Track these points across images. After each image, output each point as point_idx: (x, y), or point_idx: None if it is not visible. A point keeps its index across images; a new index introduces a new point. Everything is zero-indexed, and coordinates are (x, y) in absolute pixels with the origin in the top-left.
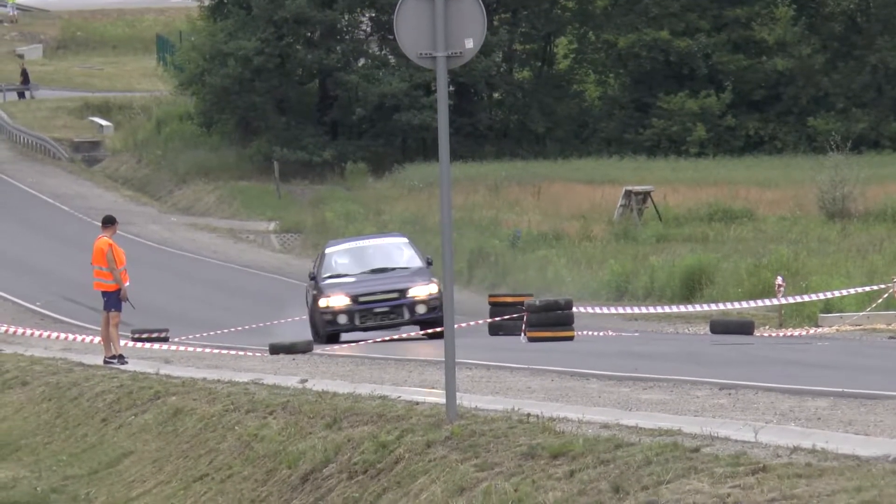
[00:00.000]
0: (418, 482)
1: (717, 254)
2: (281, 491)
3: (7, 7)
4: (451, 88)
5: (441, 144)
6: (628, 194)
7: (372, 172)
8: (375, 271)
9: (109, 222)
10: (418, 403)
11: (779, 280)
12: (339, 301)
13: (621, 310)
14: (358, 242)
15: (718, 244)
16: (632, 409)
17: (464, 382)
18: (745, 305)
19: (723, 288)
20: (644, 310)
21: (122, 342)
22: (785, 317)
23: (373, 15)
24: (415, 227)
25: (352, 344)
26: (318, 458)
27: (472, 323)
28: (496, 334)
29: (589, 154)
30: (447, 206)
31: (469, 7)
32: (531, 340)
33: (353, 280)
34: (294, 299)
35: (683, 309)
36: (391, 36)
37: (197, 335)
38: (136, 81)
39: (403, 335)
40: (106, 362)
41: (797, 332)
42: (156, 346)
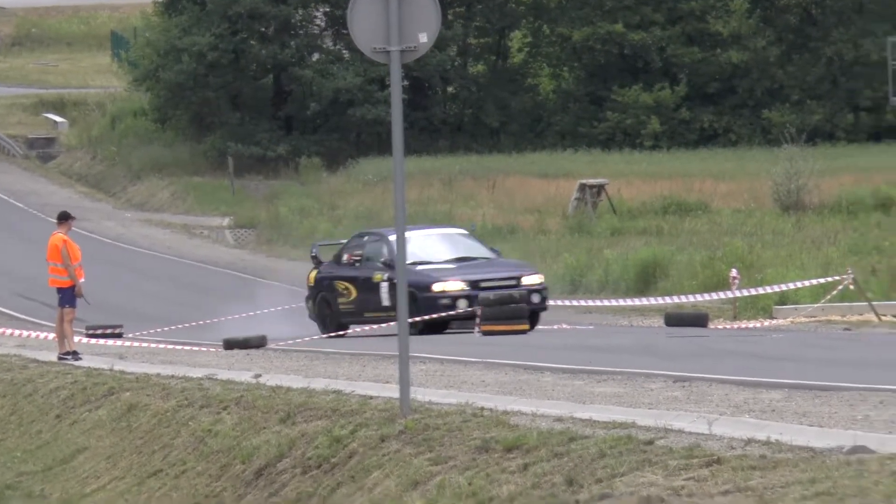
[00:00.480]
0: (372, 476)
1: (672, 247)
2: (235, 486)
3: None
4: (406, 83)
5: (395, 139)
6: (583, 188)
7: (326, 167)
8: (462, 259)
9: (64, 218)
10: (372, 398)
11: (733, 273)
12: (457, 285)
13: (576, 303)
14: (419, 231)
15: (673, 237)
16: (586, 402)
17: (418, 377)
18: (700, 298)
19: (677, 281)
20: (598, 303)
21: (77, 338)
22: (739, 309)
23: (327, 10)
24: (369, 222)
25: (305, 339)
26: (273, 453)
27: (427, 317)
28: (450, 328)
29: (543, 148)
30: (401, 201)
31: (423, 1)
32: (486, 334)
33: (454, 266)
34: (248, 294)
35: (638, 302)
36: (345, 31)
37: (151, 331)
38: (91, 78)
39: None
40: (60, 358)
41: (752, 325)
42: (110, 343)
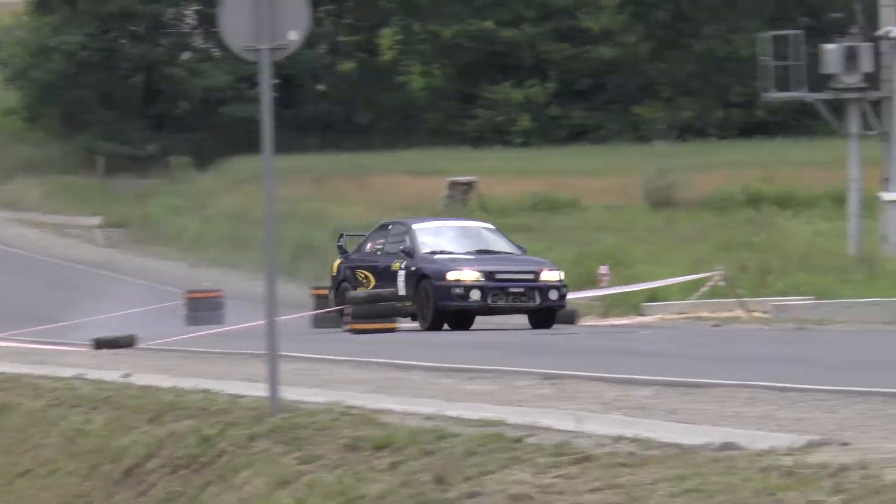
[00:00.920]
0: (241, 475)
1: (543, 243)
2: (105, 485)
3: None
4: (276, 81)
5: (264, 137)
6: (453, 185)
7: (197, 166)
8: (483, 252)
9: None
10: (242, 397)
11: (603, 269)
12: (472, 275)
13: None
14: (444, 222)
15: (543, 234)
16: (455, 401)
17: (287, 375)
18: (570, 295)
19: None
20: None
21: None
22: (609, 306)
23: (198, 8)
24: (240, 220)
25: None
26: (142, 453)
27: (296, 315)
28: (320, 327)
29: (414, 145)
30: (271, 199)
31: None
32: (354, 332)
33: (472, 257)
34: (119, 294)
35: None
36: (216, 29)
37: (21, 331)
38: None
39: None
40: None
41: (622, 322)
42: None
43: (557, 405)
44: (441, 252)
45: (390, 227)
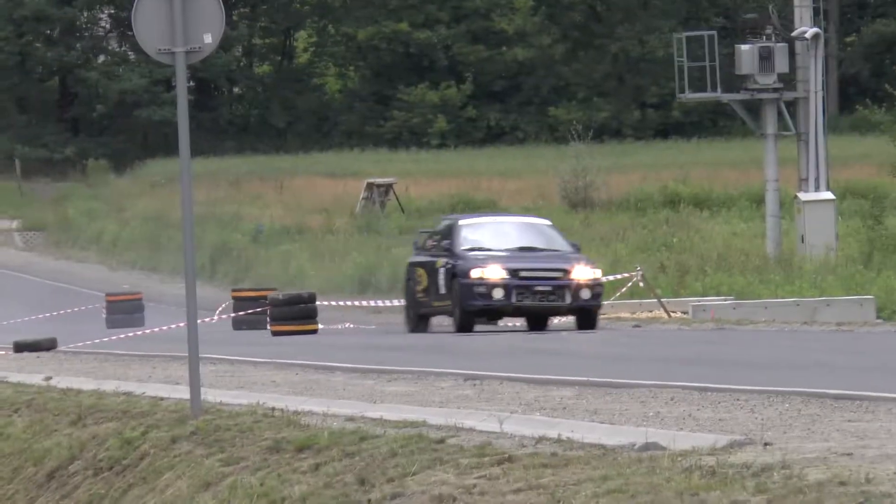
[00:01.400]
0: (164, 478)
1: None
2: (27, 489)
3: None
4: (191, 84)
5: (181, 140)
6: (370, 187)
7: (114, 169)
8: (524, 249)
9: None
10: (163, 399)
11: None
12: (496, 273)
13: (365, 303)
14: (496, 218)
15: None
16: (377, 402)
17: (209, 377)
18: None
19: None
20: (388, 302)
21: None
22: None
23: (112, 11)
24: (157, 223)
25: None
26: (64, 456)
27: (216, 318)
28: (240, 329)
29: (330, 147)
30: (188, 202)
31: (207, 2)
32: (275, 334)
33: (506, 254)
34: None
35: None
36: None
37: None
38: None
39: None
40: None
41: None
42: None
43: (479, 406)
44: (480, 248)
45: (444, 223)
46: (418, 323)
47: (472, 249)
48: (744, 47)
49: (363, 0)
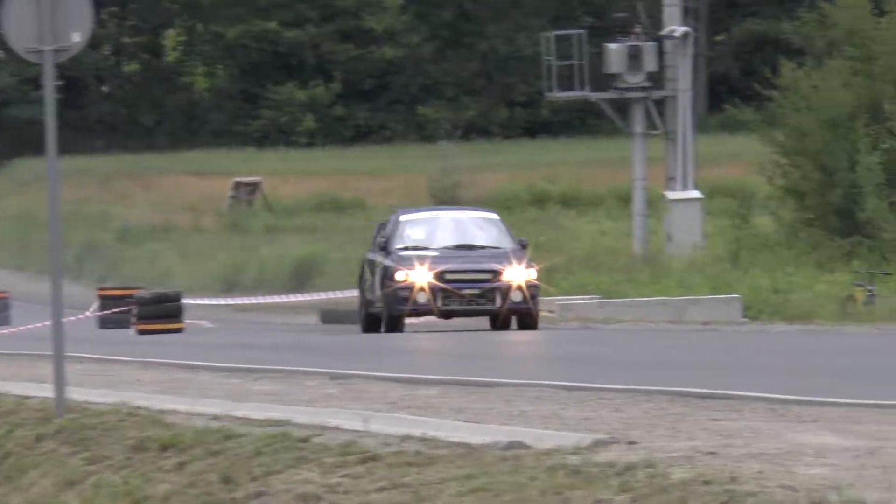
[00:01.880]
0: (28, 476)
1: (328, 244)
2: None
3: None
4: (60, 82)
5: (49, 139)
6: (238, 185)
7: None
8: (461, 247)
9: None
10: (28, 398)
11: None
12: (421, 276)
13: (231, 301)
14: (438, 213)
15: (329, 234)
16: (242, 401)
17: (74, 376)
18: (356, 295)
19: (333, 278)
20: (254, 300)
21: None
22: None
23: None
24: (25, 223)
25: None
26: None
27: (82, 316)
28: (107, 327)
29: (199, 146)
30: (55, 201)
31: (75, 1)
32: (141, 333)
33: (436, 254)
34: None
35: (294, 299)
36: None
37: None
38: None
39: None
40: None
41: (408, 321)
42: None
43: (345, 405)
44: (415, 247)
45: (391, 217)
46: (371, 322)
47: (407, 248)
48: (613, 46)
49: None
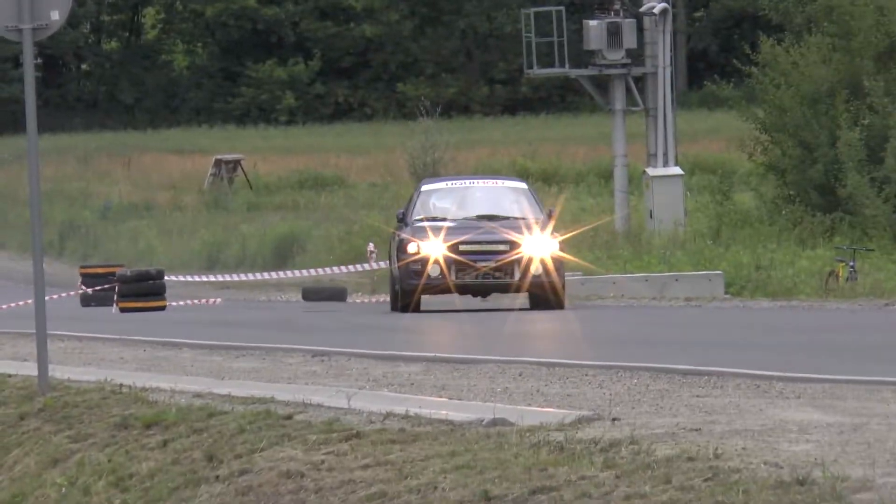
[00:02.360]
0: (12, 454)
1: (309, 221)
2: None
3: None
4: (39, 60)
5: (28, 117)
6: (218, 163)
7: None
8: (482, 218)
9: None
10: (11, 376)
11: (370, 246)
12: (433, 248)
13: (213, 278)
14: (464, 182)
15: (310, 211)
16: (225, 378)
17: (56, 354)
18: (338, 272)
19: (315, 255)
20: (236, 278)
21: None
22: (377, 283)
23: None
24: (5, 201)
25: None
26: None
27: (64, 294)
28: (88, 305)
29: (178, 124)
30: (35, 179)
31: None
32: (123, 311)
33: (453, 225)
34: None
35: (276, 276)
36: None
37: None
38: None
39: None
40: None
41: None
42: None
43: (327, 382)
44: (434, 218)
45: (416, 187)
46: (409, 304)
47: (425, 219)
48: (592, 23)
49: None
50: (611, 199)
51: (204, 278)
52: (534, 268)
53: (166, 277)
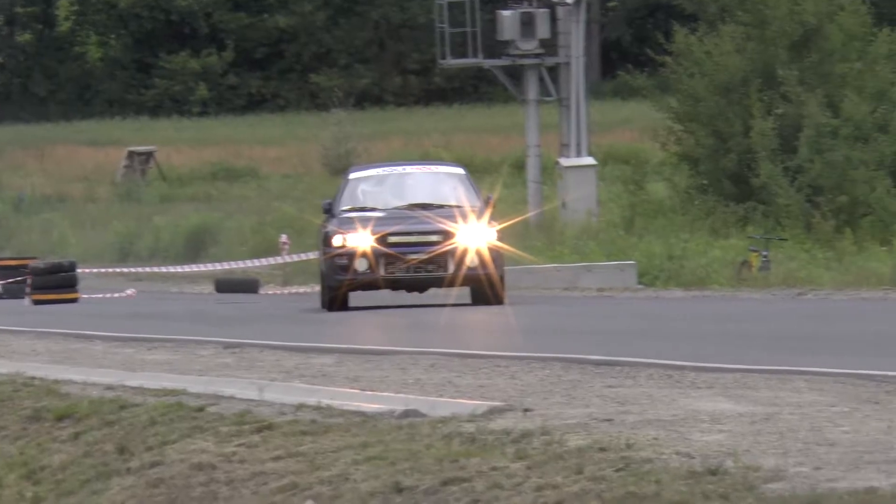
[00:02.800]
0: None
1: (222, 213)
2: None
3: None
4: None
5: None
6: (131, 155)
7: None
8: (415, 206)
9: None
10: None
11: (283, 238)
12: (360, 240)
13: (126, 270)
14: (396, 168)
15: (222, 203)
16: (136, 370)
17: None
18: (251, 264)
19: (227, 247)
20: (149, 270)
21: None
22: (290, 274)
23: None
24: None
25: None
26: None
27: None
28: (1, 298)
29: (92, 116)
30: None
31: None
32: (36, 303)
33: (383, 215)
34: None
35: (188, 269)
36: None
37: None
38: None
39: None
40: None
41: (302, 290)
42: None
43: (239, 374)
44: (362, 208)
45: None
46: (336, 302)
47: (353, 210)
48: (505, 13)
49: None
50: (524, 190)
51: (117, 270)
52: (469, 259)
53: (79, 269)
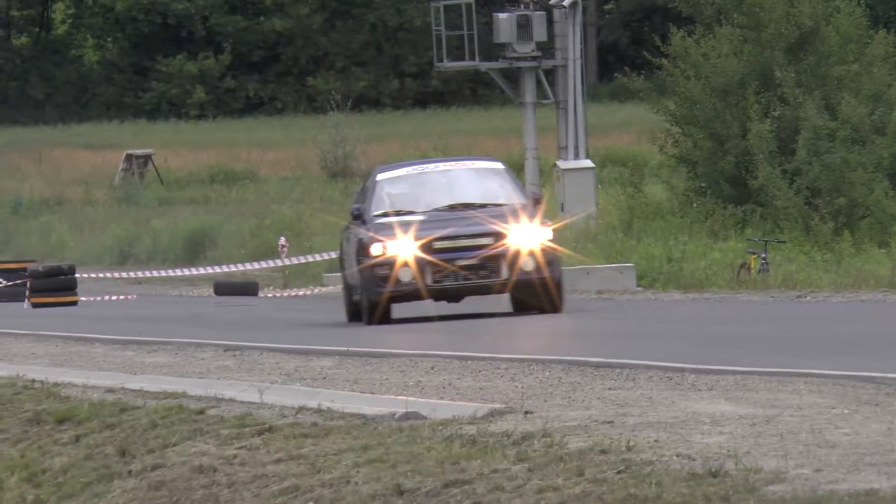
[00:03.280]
0: None
1: (220, 216)
2: None
3: None
4: None
5: None
6: (129, 158)
7: None
8: (456, 207)
9: None
10: None
11: (282, 240)
12: (402, 247)
13: (125, 274)
14: (424, 166)
15: (221, 206)
16: (137, 373)
17: None
18: (250, 267)
19: (226, 250)
20: (148, 273)
21: None
22: (289, 277)
23: None
24: None
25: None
26: None
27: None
28: (0, 301)
29: (89, 119)
30: None
31: None
32: (35, 306)
33: (423, 218)
34: None
35: (187, 272)
36: None
37: None
38: None
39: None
40: None
41: (302, 292)
42: None
43: (239, 377)
44: (397, 213)
45: (368, 177)
46: (356, 310)
47: (387, 214)
48: (501, 15)
49: None
50: None
51: (116, 274)
52: (523, 263)
53: (78, 273)
